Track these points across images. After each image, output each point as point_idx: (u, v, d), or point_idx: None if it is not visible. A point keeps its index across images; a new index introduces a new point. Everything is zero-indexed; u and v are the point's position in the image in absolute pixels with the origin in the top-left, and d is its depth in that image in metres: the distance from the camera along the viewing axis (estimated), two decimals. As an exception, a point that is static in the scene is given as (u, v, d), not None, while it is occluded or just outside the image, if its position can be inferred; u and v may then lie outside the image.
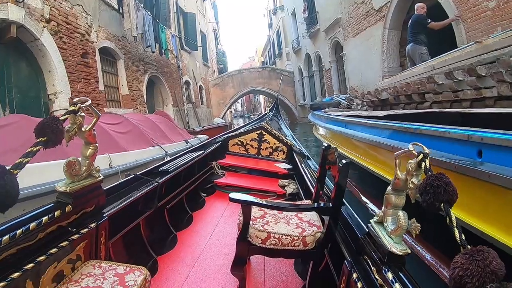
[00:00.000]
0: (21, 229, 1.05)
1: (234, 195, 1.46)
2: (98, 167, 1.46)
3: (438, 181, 0.80)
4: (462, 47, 3.46)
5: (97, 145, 1.44)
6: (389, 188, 1.05)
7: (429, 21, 5.58)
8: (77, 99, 1.33)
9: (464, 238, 0.72)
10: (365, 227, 1.24)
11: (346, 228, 1.47)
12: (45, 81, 5.83)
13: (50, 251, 1.14)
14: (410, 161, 0.94)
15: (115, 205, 1.68)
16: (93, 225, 1.39)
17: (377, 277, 1.00)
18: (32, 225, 1.09)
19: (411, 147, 0.95)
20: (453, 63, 2.99)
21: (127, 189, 1.94)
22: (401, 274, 0.93)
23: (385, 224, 1.04)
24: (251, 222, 1.50)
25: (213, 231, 2.44)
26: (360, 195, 4.09)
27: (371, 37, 9.23)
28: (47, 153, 1.41)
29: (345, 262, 1.19)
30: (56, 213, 1.20)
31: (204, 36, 19.61)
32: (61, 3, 6.11)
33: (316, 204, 1.81)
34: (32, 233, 1.09)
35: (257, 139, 4.25)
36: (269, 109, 6.66)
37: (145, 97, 10.12)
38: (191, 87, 15.73)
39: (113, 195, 1.78)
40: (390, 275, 0.93)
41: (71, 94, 6.10)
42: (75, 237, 1.28)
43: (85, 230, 1.34)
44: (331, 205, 1.51)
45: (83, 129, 1.36)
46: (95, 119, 1.43)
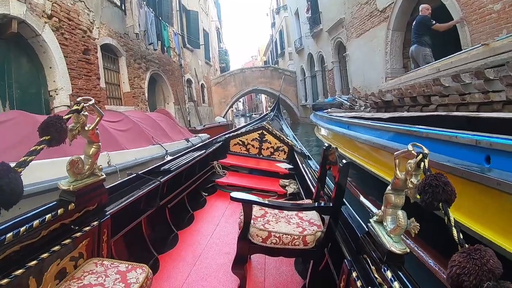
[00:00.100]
0: (25, 227, 1.05)
1: (235, 194, 1.47)
2: (100, 166, 1.48)
3: (436, 181, 0.81)
4: (468, 49, 3.41)
5: (100, 144, 1.45)
6: (388, 188, 1.05)
7: (434, 22, 5.52)
8: (80, 98, 1.33)
9: (462, 237, 0.72)
10: (365, 226, 1.23)
11: (346, 227, 1.48)
12: (46, 77, 5.80)
13: (53, 249, 1.15)
14: (409, 161, 0.94)
15: (117, 203, 1.69)
16: (95, 223, 1.40)
17: (377, 276, 1.00)
18: (35, 222, 1.10)
19: (410, 147, 0.95)
20: (459, 66, 2.95)
21: (129, 188, 1.95)
22: (400, 273, 0.93)
23: (385, 223, 1.05)
24: (252, 221, 1.52)
25: (214, 230, 2.45)
26: (361, 196, 4.05)
27: (375, 38, 9.17)
28: (44, 150, 1.38)
29: (345, 261, 1.20)
30: (59, 211, 1.21)
31: (206, 34, 19.57)
32: (63, -1, 6.08)
33: (316, 203, 1.81)
34: (35, 230, 1.10)
35: (258, 139, 4.26)
36: (270, 109, 6.64)
37: (146, 94, 10.09)
38: (193, 86, 15.70)
39: (115, 193, 1.79)
40: (389, 274, 0.93)
41: (72, 90, 6.08)
42: (78, 235, 1.29)
43: (87, 228, 1.35)
44: (331, 205, 1.52)
45: (86, 128, 1.37)
46: (98, 118, 1.43)
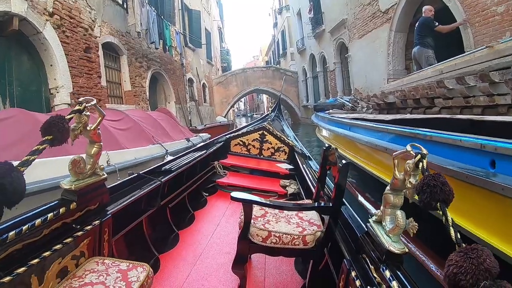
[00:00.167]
0: (27, 225, 1.07)
1: (235, 194, 1.47)
2: (102, 166, 1.49)
3: (434, 181, 0.81)
4: (472, 51, 3.37)
5: (102, 144, 1.46)
6: (387, 188, 1.06)
7: (437, 24, 5.48)
8: (82, 98, 1.35)
9: (459, 237, 0.73)
10: (365, 226, 1.23)
11: (346, 227, 1.48)
12: (47, 75, 5.78)
13: (54, 247, 1.16)
14: (408, 161, 0.95)
15: (119, 203, 1.70)
16: (97, 222, 1.41)
17: (375, 275, 1.00)
18: (37, 221, 1.11)
19: (409, 148, 0.96)
20: (463, 68, 2.91)
21: (131, 188, 1.96)
22: (398, 272, 0.93)
23: (384, 223, 1.05)
24: (252, 221, 1.52)
25: (215, 230, 2.46)
26: (362, 198, 4.02)
27: (377, 39, 9.14)
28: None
29: (344, 260, 1.21)
30: (61, 210, 1.22)
31: (208, 34, 19.55)
32: (65, -3, 6.06)
33: (316, 203, 1.82)
34: (37, 229, 1.11)
35: (259, 139, 4.26)
36: (271, 109, 6.62)
37: (147, 93, 10.07)
38: (194, 85, 15.68)
39: (117, 193, 1.80)
40: (387, 273, 0.93)
41: (73, 89, 6.06)
42: (79, 234, 1.30)
43: (89, 227, 1.36)
44: (331, 205, 1.53)
45: (88, 128, 1.38)
46: (100, 118, 1.44)
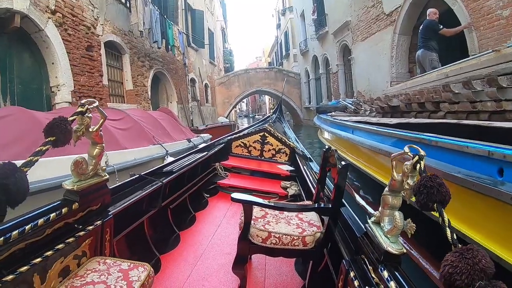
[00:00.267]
0: (30, 225, 1.08)
1: (236, 195, 1.48)
2: (104, 167, 1.50)
3: (431, 182, 0.82)
4: (478, 55, 3.32)
5: (104, 145, 1.48)
6: (386, 189, 1.07)
7: (441, 27, 5.43)
8: (84, 100, 1.37)
9: (455, 237, 0.73)
10: (364, 227, 1.24)
11: (345, 228, 1.48)
12: (48, 73, 5.75)
13: (57, 247, 1.18)
14: (406, 163, 0.96)
15: (120, 203, 1.72)
16: (98, 222, 1.43)
17: (374, 276, 1.01)
18: (40, 221, 1.13)
19: (406, 149, 0.97)
20: (468, 72, 2.86)
21: (132, 189, 1.98)
22: (396, 273, 0.93)
23: (382, 224, 1.06)
24: (252, 221, 1.54)
25: (216, 231, 2.46)
26: (362, 200, 3.97)
27: (380, 41, 9.07)
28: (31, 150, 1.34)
29: (343, 261, 1.22)
30: (63, 210, 1.24)
31: (211, 34, 19.54)
32: (68, -5, 6.04)
33: (316, 204, 1.83)
34: (40, 229, 1.13)
35: (260, 141, 4.26)
36: (272, 111, 6.59)
37: (149, 93, 10.04)
38: (197, 85, 15.66)
39: (118, 194, 1.82)
40: (385, 274, 0.94)
41: (74, 87, 6.03)
42: (81, 233, 1.32)
43: (90, 227, 1.38)
44: (330, 206, 1.54)
45: (90, 130, 1.40)
46: (102, 120, 1.47)
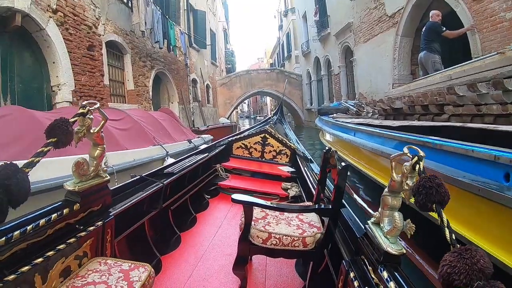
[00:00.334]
0: (31, 225, 1.09)
1: (236, 196, 1.48)
2: (105, 168, 1.51)
3: (430, 182, 0.82)
4: (482, 57, 3.28)
5: (105, 146, 1.49)
6: (386, 190, 1.07)
7: (444, 29, 5.39)
8: (86, 102, 1.38)
9: (454, 237, 0.73)
10: (364, 228, 1.24)
11: (346, 229, 1.48)
12: (49, 72, 5.73)
13: (58, 247, 1.19)
14: (405, 163, 0.96)
15: (121, 204, 1.72)
16: (99, 223, 1.43)
17: (373, 276, 1.01)
18: (41, 221, 1.14)
19: (406, 150, 0.97)
20: (472, 74, 2.82)
21: (133, 190, 1.98)
22: (396, 273, 0.93)
23: (382, 224, 1.06)
24: (253, 222, 1.54)
25: (216, 232, 2.47)
26: (363, 202, 3.94)
27: (383, 43, 9.04)
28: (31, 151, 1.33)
29: (343, 262, 1.22)
30: (64, 211, 1.25)
31: (213, 34, 19.53)
32: (69, -6, 6.02)
33: (316, 205, 1.83)
34: (41, 229, 1.14)
35: (260, 142, 4.25)
36: (273, 112, 6.59)
37: (150, 93, 10.02)
38: (198, 86, 15.64)
39: (119, 195, 1.83)
40: (385, 274, 0.94)
41: (75, 86, 6.01)
42: (82, 234, 1.33)
43: (92, 228, 1.38)
44: (330, 207, 1.55)
45: (92, 131, 1.41)
46: (103, 121, 1.47)
